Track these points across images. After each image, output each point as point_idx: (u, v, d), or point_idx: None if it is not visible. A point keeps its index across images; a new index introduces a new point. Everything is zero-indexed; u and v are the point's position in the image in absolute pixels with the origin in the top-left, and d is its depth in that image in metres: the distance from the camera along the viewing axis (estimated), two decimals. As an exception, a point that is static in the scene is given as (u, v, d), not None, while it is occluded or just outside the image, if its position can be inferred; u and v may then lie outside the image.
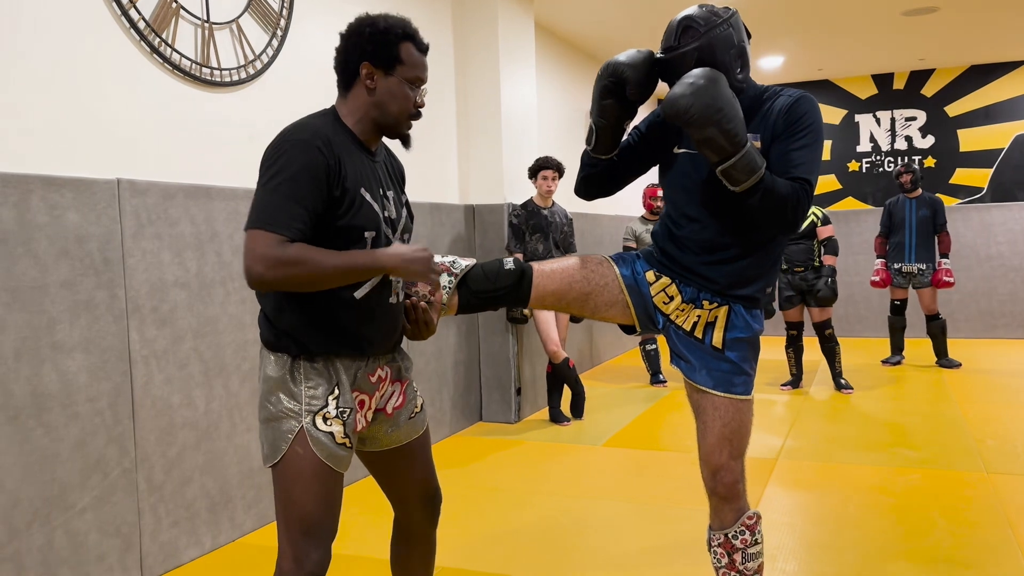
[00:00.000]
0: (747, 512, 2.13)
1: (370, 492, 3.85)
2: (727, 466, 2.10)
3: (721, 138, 1.86)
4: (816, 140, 2.02)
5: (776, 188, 1.92)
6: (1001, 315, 8.34)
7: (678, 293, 2.17)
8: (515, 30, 5.85)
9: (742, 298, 2.13)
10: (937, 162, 9.66)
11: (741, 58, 2.05)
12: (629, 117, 2.17)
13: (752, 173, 1.90)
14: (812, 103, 2.05)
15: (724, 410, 2.10)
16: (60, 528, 2.62)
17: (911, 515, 3.42)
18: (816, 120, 2.04)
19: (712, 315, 2.14)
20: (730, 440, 2.10)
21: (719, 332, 2.13)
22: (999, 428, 4.77)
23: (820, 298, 5.71)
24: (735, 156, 1.88)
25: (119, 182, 2.84)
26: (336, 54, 1.88)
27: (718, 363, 2.12)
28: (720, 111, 1.85)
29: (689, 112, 1.86)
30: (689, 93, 1.86)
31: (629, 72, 2.06)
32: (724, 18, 2.03)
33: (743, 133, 1.89)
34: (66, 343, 2.65)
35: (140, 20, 3.12)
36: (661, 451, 4.60)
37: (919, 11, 7.19)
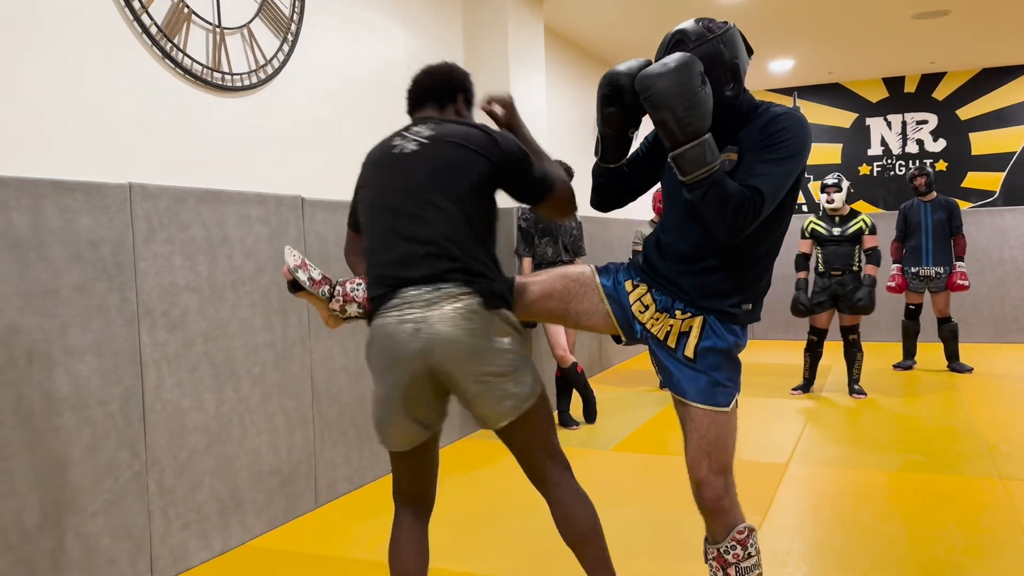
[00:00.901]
0: (737, 526, 2.09)
1: (373, 495, 3.86)
2: (707, 481, 2.07)
3: (673, 123, 1.87)
4: (787, 157, 1.97)
5: (723, 189, 1.91)
6: (1014, 320, 8.29)
7: (652, 302, 2.17)
8: (526, 34, 5.86)
9: (716, 311, 2.10)
10: (949, 166, 9.61)
11: (732, 73, 2.03)
12: (634, 126, 2.19)
13: (700, 167, 1.89)
14: (795, 120, 2.02)
15: (699, 421, 2.07)
16: (71, 531, 2.63)
17: (923, 521, 3.39)
18: (793, 138, 1.99)
19: (686, 325, 2.11)
20: (708, 453, 2.07)
21: (692, 342, 2.10)
22: (1012, 433, 4.73)
23: (860, 307, 5.64)
24: (685, 145, 1.88)
25: (131, 186, 2.85)
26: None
27: (693, 374, 2.10)
28: (679, 96, 1.85)
29: (649, 91, 1.88)
30: (654, 73, 1.88)
31: (626, 80, 2.08)
32: (716, 34, 2.02)
33: (699, 125, 1.88)
34: (78, 347, 2.66)
35: (152, 25, 3.13)
36: (671, 456, 4.58)
37: (930, 14, 7.16)
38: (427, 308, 1.94)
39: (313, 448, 3.68)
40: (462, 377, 1.97)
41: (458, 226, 2.00)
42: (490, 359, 1.97)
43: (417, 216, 2.00)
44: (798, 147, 1.99)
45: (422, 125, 2.13)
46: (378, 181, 2.11)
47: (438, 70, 2.25)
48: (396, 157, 2.08)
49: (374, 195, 2.11)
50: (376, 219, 2.08)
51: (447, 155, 2.04)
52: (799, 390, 6.07)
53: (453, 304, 1.94)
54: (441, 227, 1.99)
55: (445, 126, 2.11)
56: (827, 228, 5.84)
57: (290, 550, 3.25)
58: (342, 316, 2.12)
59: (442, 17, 5.40)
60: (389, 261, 2.01)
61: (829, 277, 5.81)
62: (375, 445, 4.05)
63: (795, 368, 6.47)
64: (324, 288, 2.08)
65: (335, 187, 4.20)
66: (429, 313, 1.94)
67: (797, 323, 7.50)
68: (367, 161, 2.19)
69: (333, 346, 3.79)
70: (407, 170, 2.04)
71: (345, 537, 3.37)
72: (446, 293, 1.95)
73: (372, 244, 2.08)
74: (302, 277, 2.05)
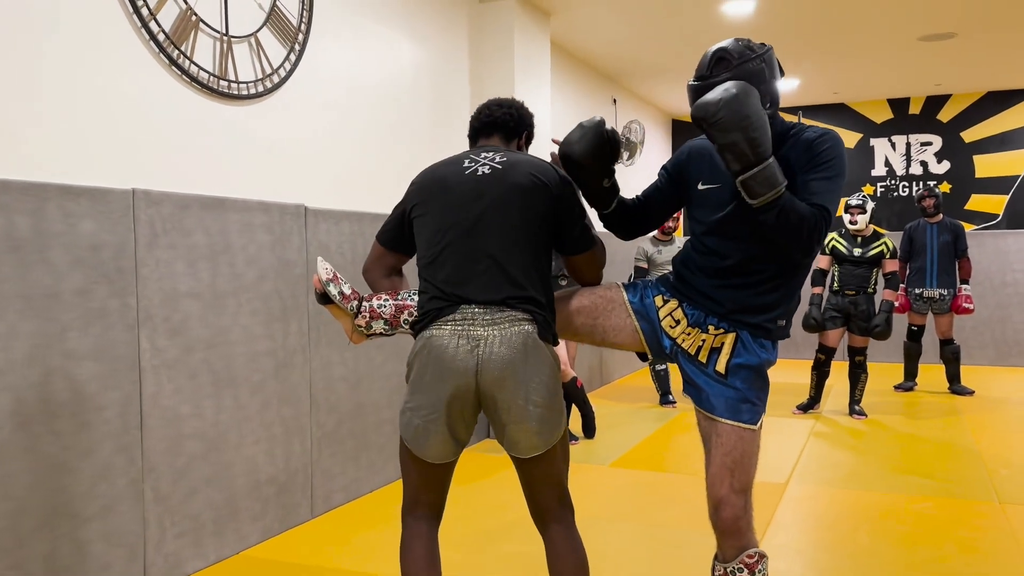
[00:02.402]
0: (748, 550, 2.08)
1: (376, 506, 3.84)
2: (728, 500, 2.06)
3: (745, 144, 1.86)
4: (837, 174, 2.02)
5: (795, 208, 1.93)
6: (1016, 343, 8.26)
7: (684, 316, 2.18)
8: (532, 49, 5.88)
9: (750, 326, 2.12)
10: (952, 188, 9.62)
11: (770, 94, 2.06)
12: (607, 176, 2.23)
13: (772, 187, 1.89)
14: (836, 139, 2.06)
15: (727, 437, 2.08)
16: (66, 536, 2.62)
17: (923, 544, 3.37)
18: (839, 156, 2.04)
19: (718, 340, 2.13)
20: (732, 470, 2.07)
21: (724, 358, 2.12)
22: (1012, 457, 4.71)
23: (877, 333, 5.61)
24: (757, 167, 1.88)
25: (134, 192, 2.86)
26: None
27: (723, 389, 2.11)
28: (747, 118, 1.86)
29: (717, 115, 1.87)
30: (719, 98, 1.87)
31: (576, 149, 2.15)
32: (758, 53, 2.04)
33: (767, 146, 1.89)
34: (77, 351, 2.66)
35: (160, 32, 3.15)
36: (669, 473, 4.57)
37: (936, 37, 7.19)
38: (488, 328, 1.97)
39: (310, 458, 3.66)
40: (506, 402, 1.99)
41: (524, 254, 2.04)
42: (535, 388, 1.99)
43: (486, 238, 2.02)
44: (843, 164, 2.05)
45: (492, 152, 2.16)
46: (445, 199, 2.10)
47: (510, 104, 2.28)
48: (470, 178, 2.09)
49: (441, 212, 2.09)
50: (441, 235, 2.07)
51: (521, 183, 2.06)
52: (801, 409, 6.05)
53: (513, 328, 1.98)
54: (508, 252, 2.02)
55: (517, 155, 2.15)
56: (848, 248, 5.80)
57: (285, 560, 3.23)
58: (366, 332, 2.16)
59: (449, 31, 5.43)
60: (452, 277, 2.02)
61: (843, 296, 5.78)
62: (373, 456, 4.04)
63: (799, 387, 6.45)
64: (352, 303, 2.12)
65: (339, 197, 4.21)
66: (488, 333, 1.97)
67: (803, 342, 7.48)
68: (426, 181, 2.17)
69: (333, 355, 3.79)
70: (480, 192, 2.06)
71: (341, 548, 3.35)
72: (507, 317, 1.98)
73: (433, 258, 2.08)
74: (333, 291, 2.09)
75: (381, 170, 4.66)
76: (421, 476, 2.14)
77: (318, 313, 3.67)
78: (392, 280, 2.27)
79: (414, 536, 2.14)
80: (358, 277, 3.85)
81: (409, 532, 2.16)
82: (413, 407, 2.06)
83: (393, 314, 2.14)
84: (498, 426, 2.06)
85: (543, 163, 2.15)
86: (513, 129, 2.27)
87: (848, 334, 5.84)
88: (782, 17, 6.57)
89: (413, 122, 5.03)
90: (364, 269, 2.30)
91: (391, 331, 2.16)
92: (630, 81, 8.76)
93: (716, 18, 6.51)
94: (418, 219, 2.15)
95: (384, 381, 4.14)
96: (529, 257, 2.05)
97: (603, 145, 2.17)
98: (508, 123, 2.25)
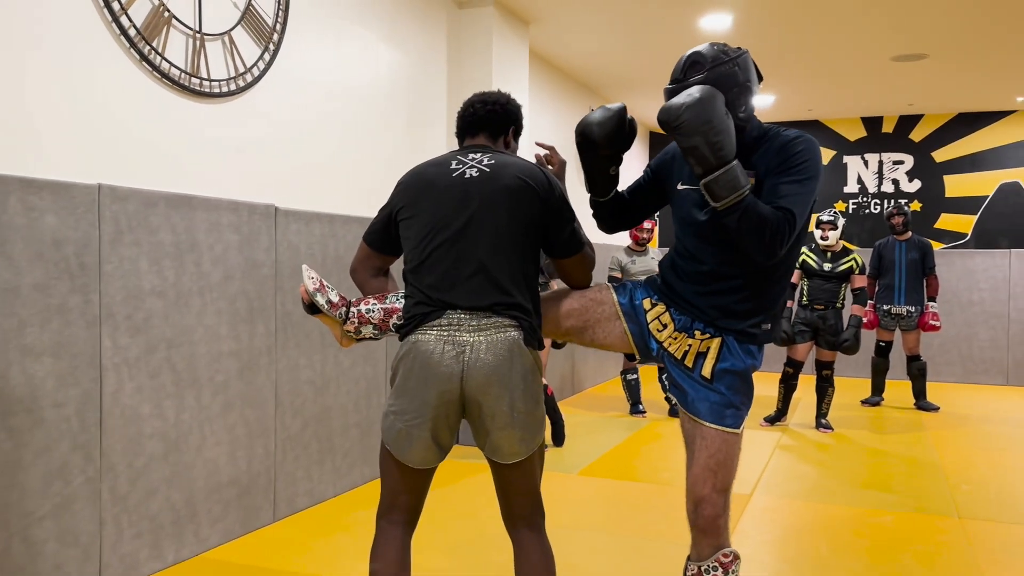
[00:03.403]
0: (724, 549, 2.12)
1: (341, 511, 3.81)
2: (709, 499, 2.11)
3: (706, 148, 1.90)
4: (808, 177, 2.04)
5: (757, 211, 1.94)
6: (981, 361, 8.38)
7: (671, 321, 2.21)
8: (510, 56, 5.89)
9: (735, 331, 2.14)
10: (923, 206, 9.76)
11: (745, 95, 2.08)
12: (615, 163, 2.26)
13: (734, 191, 1.92)
14: (810, 143, 2.08)
15: (711, 440, 2.12)
16: (17, 535, 2.57)
17: (883, 558, 3.40)
18: (811, 159, 2.06)
19: (704, 345, 2.16)
20: (714, 472, 2.11)
21: (710, 363, 2.15)
22: (974, 473, 4.77)
23: (845, 348, 5.68)
24: (719, 170, 1.91)
25: (100, 187, 2.82)
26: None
27: (708, 393, 2.14)
28: (709, 122, 1.89)
29: (679, 119, 1.91)
30: (682, 102, 1.92)
31: (596, 129, 2.18)
32: (731, 57, 2.08)
33: (729, 149, 1.92)
34: (35, 347, 2.61)
35: (131, 27, 3.12)
36: (637, 482, 4.57)
37: (909, 57, 7.30)
38: (474, 334, 1.97)
39: (273, 460, 3.63)
40: (491, 408, 1.99)
41: (511, 259, 2.03)
42: (520, 395, 2.00)
43: (474, 243, 2.01)
44: (816, 168, 2.06)
45: (480, 153, 2.14)
46: (432, 202, 2.08)
47: (496, 101, 2.24)
48: (457, 181, 2.07)
49: (428, 215, 2.07)
50: (428, 239, 2.05)
51: (510, 187, 2.05)
52: (768, 421, 6.09)
53: (499, 335, 1.98)
54: (496, 258, 2.01)
55: (505, 158, 2.13)
56: (818, 262, 5.86)
57: (245, 563, 3.19)
58: (355, 337, 2.15)
59: (427, 35, 5.42)
60: (439, 282, 2.01)
61: (812, 310, 5.83)
62: (338, 460, 4.01)
63: (768, 399, 6.49)
64: (340, 311, 2.12)
65: (309, 198, 4.19)
66: (474, 339, 1.97)
67: (772, 355, 7.53)
68: (413, 181, 2.15)
69: (300, 358, 3.75)
70: (469, 195, 2.04)
71: (302, 552, 3.32)
72: (493, 323, 1.98)
73: (419, 263, 2.06)
74: (320, 300, 2.09)
75: (355, 172, 4.64)
76: (401, 481, 2.12)
77: (285, 315, 3.64)
78: (380, 280, 2.26)
79: (388, 540, 2.12)
80: (327, 277, 3.83)
81: (383, 536, 2.13)
82: (397, 411, 2.04)
83: (381, 319, 2.14)
84: (481, 432, 2.06)
85: (531, 165, 2.14)
86: (500, 125, 2.24)
87: (816, 348, 5.89)
88: (758, 34, 6.64)
89: (389, 125, 5.02)
90: (352, 269, 2.28)
91: (380, 335, 2.16)
92: (608, 92, 8.81)
93: (694, 32, 6.57)
94: (404, 221, 2.13)
95: (351, 385, 4.11)
96: (516, 262, 2.05)
97: (622, 130, 2.20)
98: (493, 120, 2.22)
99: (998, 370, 8.35)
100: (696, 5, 6.04)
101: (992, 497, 4.28)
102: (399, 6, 5.09)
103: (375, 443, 4.10)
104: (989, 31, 6.54)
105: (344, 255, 3.96)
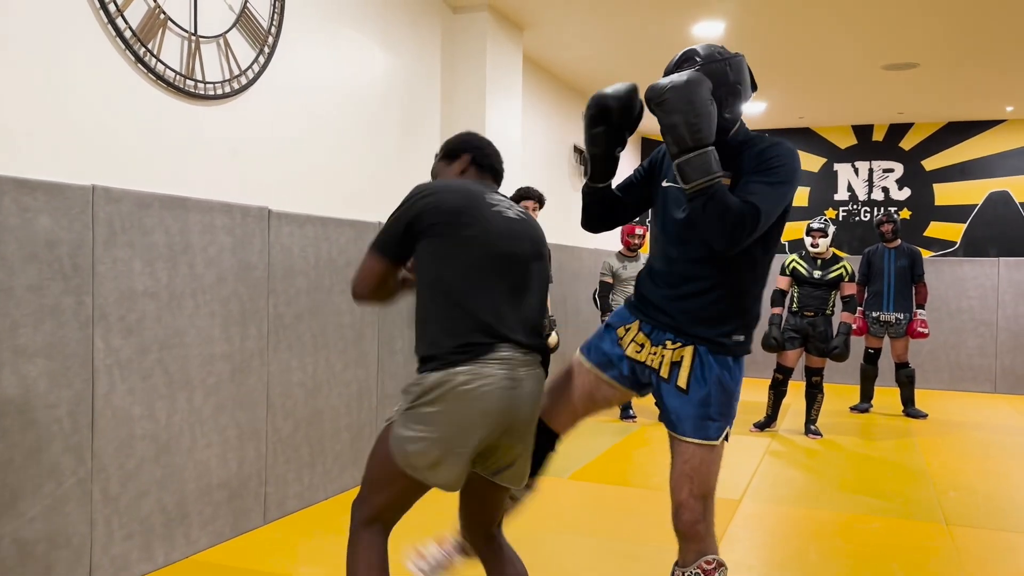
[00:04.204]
0: (706, 556, 2.12)
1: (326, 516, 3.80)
2: (686, 504, 2.12)
3: (684, 128, 1.95)
4: (781, 180, 2.05)
5: (724, 200, 1.98)
6: (969, 368, 8.44)
7: (645, 338, 2.23)
8: (504, 61, 5.91)
9: (705, 340, 2.15)
10: (913, 214, 9.83)
11: (733, 97, 2.11)
12: (620, 144, 2.26)
13: (705, 175, 1.96)
14: (787, 149, 2.10)
15: (686, 447, 2.14)
16: (7, 536, 2.56)
17: (869, 564, 3.42)
18: (787, 164, 2.07)
19: (677, 355, 2.17)
20: (690, 478, 2.12)
21: (684, 372, 2.16)
22: (961, 480, 4.81)
23: (835, 355, 5.72)
24: (693, 151, 1.96)
25: (94, 188, 2.82)
26: None
27: (684, 404, 2.15)
28: (691, 103, 1.95)
29: (663, 95, 1.97)
30: (669, 82, 1.98)
31: (612, 101, 2.18)
32: (725, 57, 2.12)
33: (707, 134, 1.96)
34: (28, 348, 2.61)
35: (126, 29, 3.13)
36: (627, 486, 4.59)
37: (900, 66, 7.36)
38: (524, 368, 2.05)
39: (264, 463, 3.63)
40: (520, 439, 2.09)
41: (540, 301, 2.16)
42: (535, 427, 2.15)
43: (527, 282, 2.10)
44: (790, 174, 2.08)
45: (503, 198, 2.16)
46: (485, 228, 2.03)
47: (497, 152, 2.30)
48: (502, 218, 2.07)
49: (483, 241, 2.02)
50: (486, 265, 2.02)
51: (540, 238, 2.18)
52: (758, 427, 6.12)
53: (538, 371, 2.12)
54: (539, 299, 2.15)
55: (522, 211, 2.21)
56: (808, 269, 5.89)
57: (235, 565, 3.19)
58: None
59: (422, 39, 5.44)
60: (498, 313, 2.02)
61: (802, 317, 5.87)
62: (329, 463, 4.01)
63: (757, 405, 6.52)
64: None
65: (303, 200, 4.19)
66: (525, 374, 2.05)
67: (762, 361, 7.57)
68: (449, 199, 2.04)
69: (292, 360, 3.76)
70: (518, 235, 2.10)
71: (292, 555, 3.32)
72: (534, 360, 2.10)
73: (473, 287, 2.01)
74: None
75: (348, 175, 4.65)
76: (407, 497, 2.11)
77: (277, 317, 3.64)
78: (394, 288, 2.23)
79: (371, 546, 2.11)
80: (319, 280, 3.84)
81: (367, 543, 2.12)
82: (436, 438, 1.97)
83: None
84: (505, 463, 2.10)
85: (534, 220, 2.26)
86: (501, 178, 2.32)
87: (806, 355, 5.93)
88: (751, 41, 6.69)
89: (383, 129, 5.03)
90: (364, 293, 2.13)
91: None
92: (601, 98, 8.84)
93: (686, 39, 6.61)
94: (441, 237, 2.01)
95: (343, 388, 4.11)
96: (541, 305, 2.17)
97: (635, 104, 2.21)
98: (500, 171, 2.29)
99: (986, 378, 8.41)
100: (689, 12, 6.07)
101: (979, 504, 4.31)
102: (394, 10, 5.11)
103: (366, 447, 4.10)
104: (980, 41, 6.60)
105: (337, 258, 3.97)
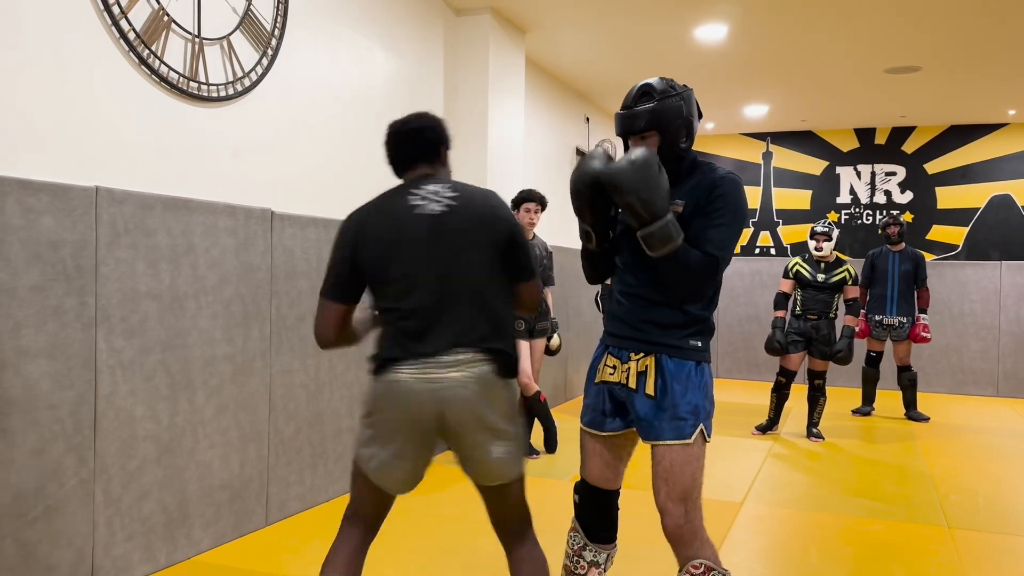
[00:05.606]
0: (694, 561, 2.15)
1: (332, 516, 3.81)
2: (664, 507, 2.19)
3: (639, 206, 2.06)
4: (733, 221, 2.17)
5: (688, 261, 2.10)
6: (971, 372, 8.43)
7: (616, 359, 2.29)
8: (506, 63, 5.92)
9: (663, 345, 2.20)
10: (915, 218, 9.82)
11: (687, 128, 2.24)
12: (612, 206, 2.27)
13: (667, 243, 2.08)
14: (734, 184, 2.21)
15: (657, 451, 2.21)
16: (10, 537, 2.57)
17: (871, 566, 3.42)
18: (734, 202, 2.18)
19: (641, 364, 2.23)
20: (665, 480, 2.19)
21: (650, 379, 2.21)
22: (963, 483, 4.80)
23: (839, 359, 5.73)
24: (651, 225, 2.07)
25: (97, 190, 2.83)
26: None
27: (652, 408, 2.20)
28: (644, 182, 2.05)
29: (615, 179, 2.07)
30: (623, 165, 2.08)
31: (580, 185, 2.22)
32: (678, 91, 2.25)
33: (662, 207, 2.07)
34: (31, 348, 2.62)
35: (131, 31, 3.13)
36: (627, 488, 4.57)
37: (902, 69, 7.36)
38: (448, 370, 1.99)
39: (266, 464, 3.63)
40: (469, 439, 2.04)
41: (485, 293, 2.04)
42: (495, 424, 2.03)
43: (448, 280, 2.01)
44: (738, 208, 2.20)
45: (434, 184, 2.09)
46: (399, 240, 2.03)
47: (424, 127, 2.16)
48: (423, 218, 2.03)
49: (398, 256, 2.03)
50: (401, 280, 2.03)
51: (477, 220, 2.05)
52: (760, 430, 6.11)
53: (472, 370, 2.00)
54: (470, 293, 2.03)
55: (465, 188, 2.10)
56: (811, 272, 5.89)
57: (237, 566, 3.19)
58: None
59: (425, 42, 5.45)
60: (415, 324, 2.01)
61: (805, 320, 5.86)
62: (331, 465, 4.01)
63: (759, 408, 6.52)
64: None
65: (305, 202, 4.20)
66: (448, 375, 1.99)
67: (764, 364, 7.58)
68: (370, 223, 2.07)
69: (294, 362, 3.76)
70: (438, 231, 2.02)
71: (294, 556, 3.32)
72: (468, 359, 2.00)
73: (393, 303, 2.04)
74: None
75: (351, 177, 4.65)
76: (370, 496, 2.17)
77: (280, 319, 3.65)
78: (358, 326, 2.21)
79: (344, 540, 2.18)
80: (320, 283, 3.84)
81: (341, 536, 2.19)
82: (374, 447, 2.08)
83: None
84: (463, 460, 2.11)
85: (489, 191, 2.15)
86: (433, 151, 2.16)
87: (809, 358, 5.92)
88: (753, 45, 6.69)
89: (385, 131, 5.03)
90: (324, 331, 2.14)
91: None
92: (603, 101, 8.85)
93: (689, 43, 6.61)
94: (371, 265, 2.05)
95: (345, 389, 4.12)
96: (490, 297, 2.05)
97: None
98: (428, 147, 2.15)
99: (988, 381, 8.40)
100: (691, 16, 6.08)
101: (980, 507, 4.31)
102: (397, 12, 5.12)
103: (368, 448, 4.10)
104: (982, 45, 6.60)
105: (339, 260, 3.97)
